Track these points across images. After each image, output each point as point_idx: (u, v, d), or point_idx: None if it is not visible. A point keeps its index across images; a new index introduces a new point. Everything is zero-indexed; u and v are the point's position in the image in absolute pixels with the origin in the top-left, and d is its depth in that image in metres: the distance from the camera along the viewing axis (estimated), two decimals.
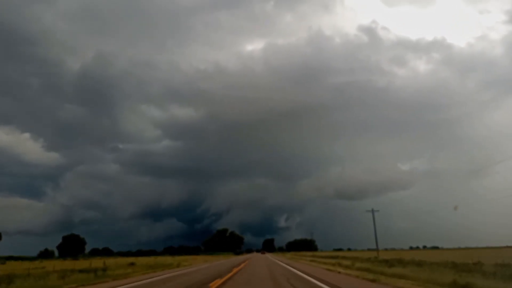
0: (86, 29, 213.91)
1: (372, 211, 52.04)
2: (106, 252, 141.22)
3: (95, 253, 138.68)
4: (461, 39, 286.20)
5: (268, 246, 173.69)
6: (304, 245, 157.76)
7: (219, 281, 15.28)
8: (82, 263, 42.55)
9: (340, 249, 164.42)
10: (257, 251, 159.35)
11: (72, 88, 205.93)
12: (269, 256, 71.59)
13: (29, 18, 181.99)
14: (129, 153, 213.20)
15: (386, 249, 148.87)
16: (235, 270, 23.35)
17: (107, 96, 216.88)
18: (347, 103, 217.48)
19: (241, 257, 63.25)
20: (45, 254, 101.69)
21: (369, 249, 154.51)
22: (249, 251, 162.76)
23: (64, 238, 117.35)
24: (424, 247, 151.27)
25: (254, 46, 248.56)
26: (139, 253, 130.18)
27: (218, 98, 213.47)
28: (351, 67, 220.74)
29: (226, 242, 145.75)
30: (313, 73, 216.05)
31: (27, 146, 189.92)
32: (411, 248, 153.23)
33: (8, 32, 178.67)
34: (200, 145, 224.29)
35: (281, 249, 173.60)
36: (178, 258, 55.54)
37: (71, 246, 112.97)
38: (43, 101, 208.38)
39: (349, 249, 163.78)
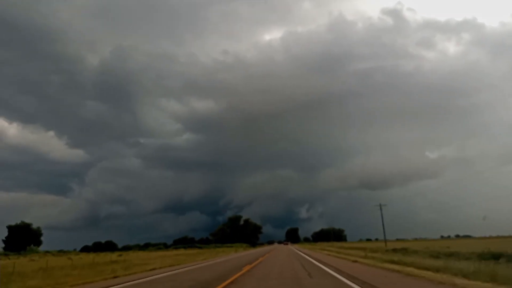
0: (103, 24, 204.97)
1: None
2: (108, 247, 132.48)
3: (97, 248, 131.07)
4: (493, 17, 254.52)
5: (292, 237, 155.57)
6: (332, 235, 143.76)
7: None
8: None
9: (369, 240, 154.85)
10: (279, 242, 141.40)
11: (92, 84, 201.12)
12: (297, 250, 43.43)
13: (45, 14, 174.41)
14: (150, 147, 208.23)
15: (416, 239, 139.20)
16: None
17: (127, 91, 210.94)
18: (372, 90, 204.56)
19: (252, 253, 37.52)
20: None
21: (397, 239, 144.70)
22: (271, 242, 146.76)
23: (10, 228, 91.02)
24: (457, 236, 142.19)
25: (272, 35, 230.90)
26: (146, 247, 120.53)
27: (239, 89, 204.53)
28: (376, 52, 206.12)
29: (240, 232, 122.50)
30: (335, 60, 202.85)
31: (52, 144, 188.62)
32: (442, 237, 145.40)
33: (26, 29, 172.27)
34: (222, 138, 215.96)
35: (307, 240, 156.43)
36: (138, 256, 34.69)
37: (20, 238, 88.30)
38: (65, 98, 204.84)
39: (376, 239, 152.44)
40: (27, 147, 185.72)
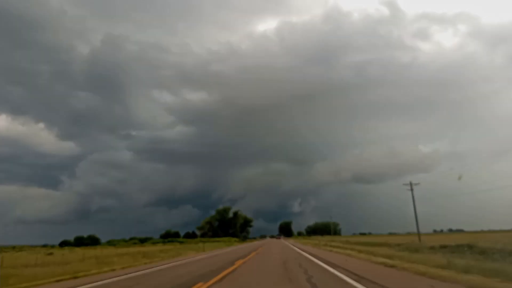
0: (93, 12, 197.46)
1: None
2: (92, 241, 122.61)
3: (78, 242, 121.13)
4: (490, 11, 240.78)
5: (285, 230, 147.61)
6: (326, 230, 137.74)
7: None
8: None
9: (364, 234, 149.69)
10: (272, 236, 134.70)
11: (83, 74, 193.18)
12: (296, 248, 31.81)
13: (34, 2, 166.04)
14: (142, 140, 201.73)
15: (408, 233, 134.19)
16: None
17: (118, 81, 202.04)
18: (367, 82, 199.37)
19: (228, 252, 26.60)
20: None
21: (390, 233, 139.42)
22: (263, 236, 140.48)
23: None
24: (450, 230, 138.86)
25: (267, 25, 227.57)
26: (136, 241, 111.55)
27: (232, 81, 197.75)
28: (372, 43, 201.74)
29: (228, 226, 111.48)
30: (330, 51, 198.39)
31: (42, 136, 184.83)
32: (434, 231, 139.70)
33: (14, 17, 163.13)
34: (214, 130, 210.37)
35: (300, 234, 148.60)
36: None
37: None
38: (55, 89, 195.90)
39: (370, 233, 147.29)
40: (17, 139, 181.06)
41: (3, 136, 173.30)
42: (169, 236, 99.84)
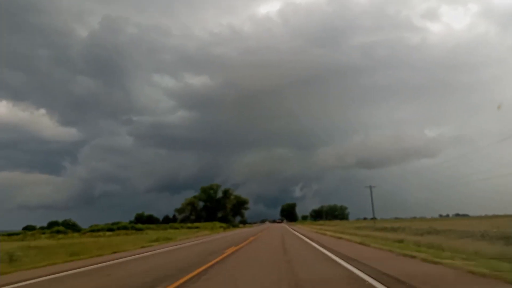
0: None
1: None
2: (67, 227, 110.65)
3: (51, 226, 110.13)
4: None
5: (288, 214, 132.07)
6: (333, 214, 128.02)
7: None
8: None
9: (373, 218, 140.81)
10: (273, 221, 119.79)
11: (82, 58, 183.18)
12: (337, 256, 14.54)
13: None
14: (143, 125, 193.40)
15: (414, 218, 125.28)
16: None
17: (118, 65, 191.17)
18: (374, 64, 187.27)
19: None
20: None
21: (396, 218, 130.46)
22: (263, 221, 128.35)
23: None
24: (457, 215, 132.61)
25: (269, 7, 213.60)
26: (112, 228, 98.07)
27: (235, 64, 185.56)
28: (379, 24, 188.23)
29: (217, 207, 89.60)
30: (336, 33, 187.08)
31: (44, 122, 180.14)
32: (440, 216, 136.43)
33: (11, 0, 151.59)
34: (217, 115, 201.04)
35: (305, 218, 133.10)
36: None
37: None
38: (54, 73, 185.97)
39: (374, 218, 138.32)
40: (18, 125, 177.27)
41: (4, 123, 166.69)
42: (141, 221, 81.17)
